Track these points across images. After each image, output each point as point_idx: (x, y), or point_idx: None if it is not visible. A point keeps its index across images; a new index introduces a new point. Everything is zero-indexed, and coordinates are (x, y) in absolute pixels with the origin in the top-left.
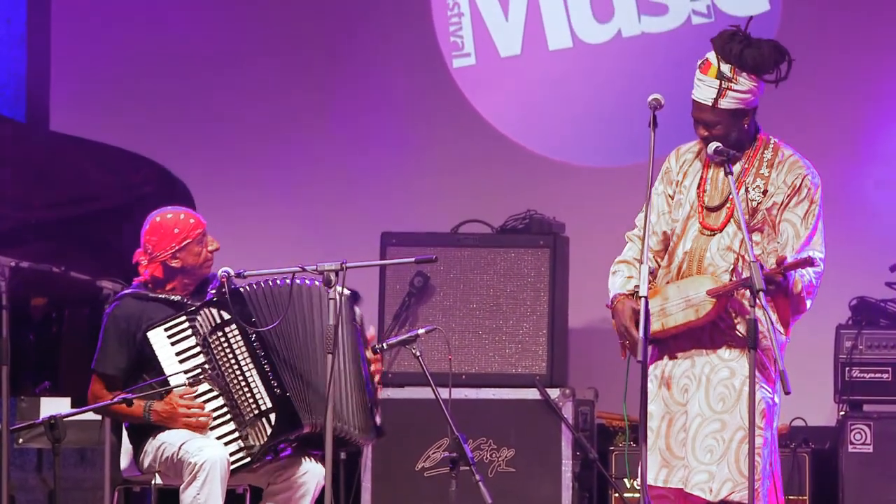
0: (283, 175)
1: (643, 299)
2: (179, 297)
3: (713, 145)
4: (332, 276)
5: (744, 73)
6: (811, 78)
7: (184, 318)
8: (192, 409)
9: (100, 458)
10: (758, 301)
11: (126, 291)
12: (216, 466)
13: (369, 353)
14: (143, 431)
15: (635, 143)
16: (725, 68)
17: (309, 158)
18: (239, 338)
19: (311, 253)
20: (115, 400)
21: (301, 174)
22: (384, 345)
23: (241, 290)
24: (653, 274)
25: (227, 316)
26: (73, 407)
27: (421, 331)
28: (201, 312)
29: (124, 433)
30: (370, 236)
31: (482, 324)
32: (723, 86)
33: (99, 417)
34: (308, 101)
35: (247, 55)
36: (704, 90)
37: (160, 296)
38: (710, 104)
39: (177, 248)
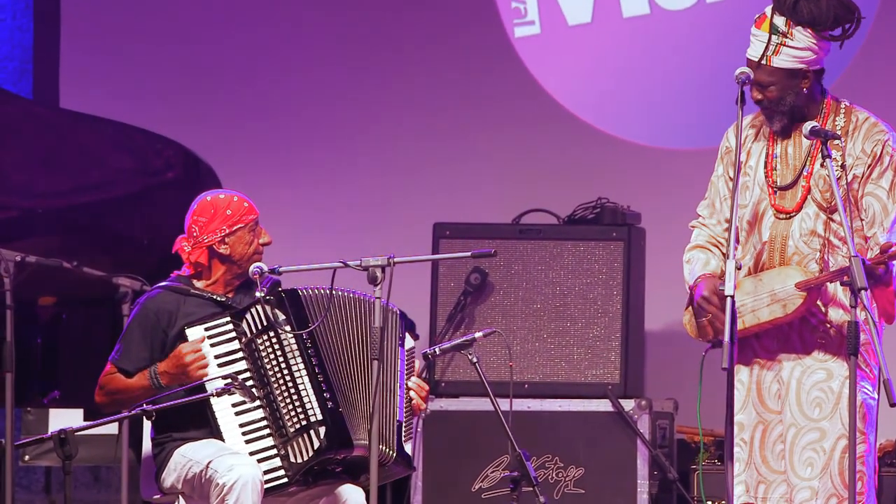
0: (322, 158)
1: (729, 299)
2: (223, 297)
3: (808, 125)
4: (378, 273)
5: (799, 28)
6: None
7: (228, 318)
8: (199, 353)
9: (115, 477)
10: (860, 301)
11: (163, 283)
12: (248, 488)
13: (413, 383)
14: (166, 446)
15: (721, 122)
16: (779, 21)
17: (351, 140)
18: (292, 341)
19: (353, 246)
20: (135, 412)
21: (342, 158)
22: (437, 349)
23: (299, 291)
24: (738, 268)
25: (281, 316)
26: (86, 419)
27: (478, 334)
28: (250, 311)
29: (144, 449)
30: (421, 228)
31: (547, 326)
32: (774, 40)
33: (116, 432)
34: (350, 74)
35: (283, 22)
36: (755, 45)
37: (202, 292)
38: (758, 60)
39: (227, 231)
